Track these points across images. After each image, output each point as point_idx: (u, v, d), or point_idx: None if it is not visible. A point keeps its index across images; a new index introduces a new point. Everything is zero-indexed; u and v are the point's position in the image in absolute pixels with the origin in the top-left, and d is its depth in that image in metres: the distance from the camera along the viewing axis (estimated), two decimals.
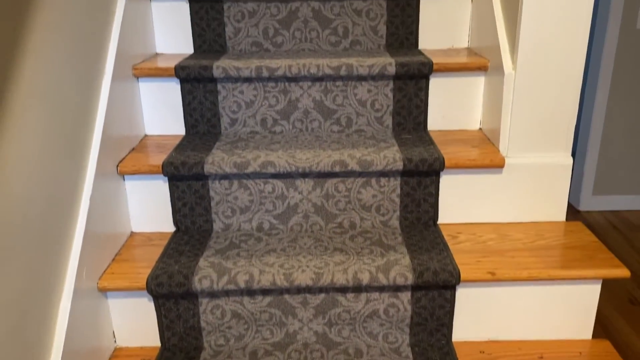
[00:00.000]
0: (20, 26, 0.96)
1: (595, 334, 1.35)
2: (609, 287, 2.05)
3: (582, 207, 2.83)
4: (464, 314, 1.28)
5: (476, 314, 1.28)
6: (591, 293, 1.27)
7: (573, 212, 2.80)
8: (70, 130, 1.14)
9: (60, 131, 1.09)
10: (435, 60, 1.48)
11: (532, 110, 1.34)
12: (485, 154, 1.37)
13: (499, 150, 1.38)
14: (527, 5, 1.26)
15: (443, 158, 1.33)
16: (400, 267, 1.21)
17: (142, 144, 1.49)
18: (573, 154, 3.36)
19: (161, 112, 1.53)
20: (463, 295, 1.26)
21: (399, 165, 1.32)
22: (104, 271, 1.25)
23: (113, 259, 1.29)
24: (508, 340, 1.30)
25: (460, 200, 1.40)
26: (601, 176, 2.80)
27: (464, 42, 1.66)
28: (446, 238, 1.34)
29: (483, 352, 1.26)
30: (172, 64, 1.48)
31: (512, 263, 1.24)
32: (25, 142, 0.97)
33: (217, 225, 1.40)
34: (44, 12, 1.04)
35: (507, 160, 1.37)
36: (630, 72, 2.65)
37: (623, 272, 1.21)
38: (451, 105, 1.53)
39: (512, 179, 1.38)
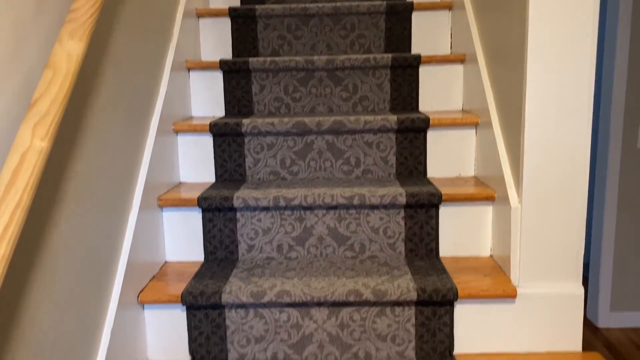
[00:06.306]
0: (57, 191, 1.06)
1: None
2: None
3: (601, 324, 2.77)
4: None
5: None
6: None
7: (592, 330, 2.74)
8: (98, 264, 1.20)
9: (90, 266, 1.15)
10: (443, 190, 1.55)
11: (541, 241, 1.38)
12: (498, 284, 1.39)
13: (510, 280, 1.41)
14: (528, 144, 1.35)
15: (456, 288, 1.36)
16: None
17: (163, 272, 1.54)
18: (586, 268, 3.35)
19: (182, 240, 1.59)
20: None
21: (413, 296, 1.35)
22: None
23: None
24: None
25: (474, 330, 1.40)
26: (618, 293, 2.77)
27: (470, 171, 1.75)
28: None
29: None
30: (195, 194, 1.58)
31: None
32: (60, 278, 1.02)
33: (232, 356, 1.41)
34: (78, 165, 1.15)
35: (518, 290, 1.39)
36: (637, 190, 2.72)
37: None
38: (461, 233, 1.58)
39: (524, 309, 1.39)
